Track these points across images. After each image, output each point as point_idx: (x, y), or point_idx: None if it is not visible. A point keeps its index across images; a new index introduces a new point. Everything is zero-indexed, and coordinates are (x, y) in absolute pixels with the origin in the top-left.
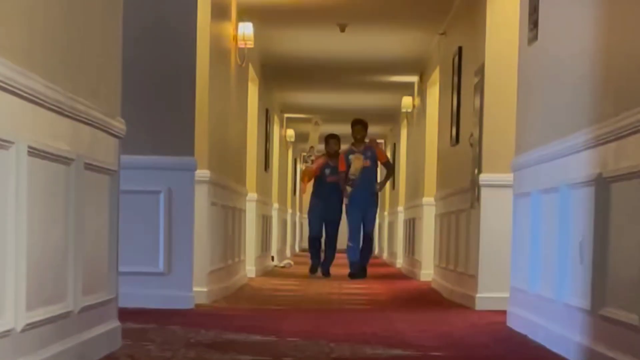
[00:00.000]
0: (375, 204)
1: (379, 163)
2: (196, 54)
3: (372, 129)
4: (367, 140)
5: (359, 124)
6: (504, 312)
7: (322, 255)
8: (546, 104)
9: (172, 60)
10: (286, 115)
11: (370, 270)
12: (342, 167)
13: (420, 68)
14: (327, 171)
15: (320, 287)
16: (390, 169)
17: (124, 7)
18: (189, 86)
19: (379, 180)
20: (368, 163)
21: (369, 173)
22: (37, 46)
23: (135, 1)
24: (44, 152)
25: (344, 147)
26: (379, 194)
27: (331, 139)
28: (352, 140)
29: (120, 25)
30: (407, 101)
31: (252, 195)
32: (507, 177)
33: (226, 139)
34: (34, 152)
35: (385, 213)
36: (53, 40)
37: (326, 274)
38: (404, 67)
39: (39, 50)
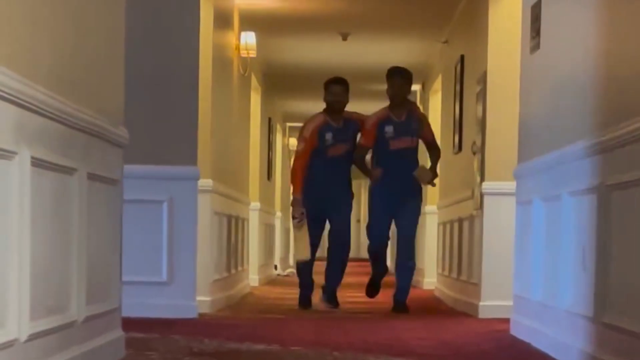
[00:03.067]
0: (416, 196)
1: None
2: (199, 64)
3: None
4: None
5: (400, 75)
6: (507, 320)
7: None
8: (548, 112)
9: (174, 70)
10: (289, 124)
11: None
12: (367, 140)
13: (423, 76)
14: (328, 137)
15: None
16: (438, 152)
17: (126, 17)
18: (191, 95)
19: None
20: (415, 142)
21: (411, 154)
22: (41, 56)
23: (138, 11)
24: (47, 162)
25: (362, 107)
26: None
27: (334, 85)
28: (388, 103)
29: (123, 35)
30: None
31: (255, 204)
32: (510, 185)
33: (229, 148)
34: (37, 162)
35: None
36: (56, 51)
37: (330, 300)
38: None
39: (43, 61)
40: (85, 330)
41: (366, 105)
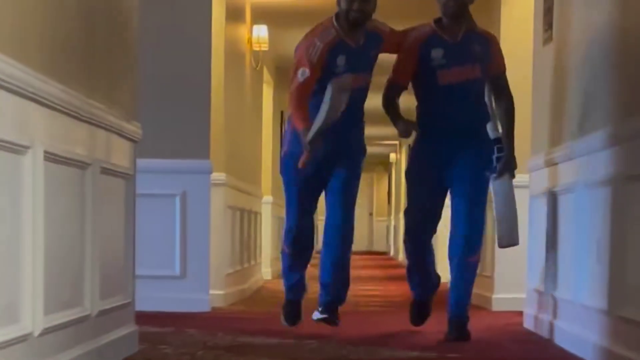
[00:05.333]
0: (483, 152)
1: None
2: (211, 57)
3: (385, 132)
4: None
5: None
6: (520, 313)
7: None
8: (561, 104)
9: (187, 63)
10: None
11: (384, 271)
12: (404, 72)
13: None
14: (341, 62)
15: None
16: (508, 104)
17: (139, 12)
18: (204, 89)
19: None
20: (479, 73)
21: (473, 92)
22: (54, 51)
23: (151, 6)
24: (60, 156)
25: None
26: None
27: None
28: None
29: (136, 30)
30: None
31: (267, 198)
32: (523, 178)
33: (241, 141)
34: (50, 156)
35: (400, 215)
36: (70, 46)
37: (330, 316)
38: None
39: (56, 56)
40: (99, 325)
41: (378, 99)
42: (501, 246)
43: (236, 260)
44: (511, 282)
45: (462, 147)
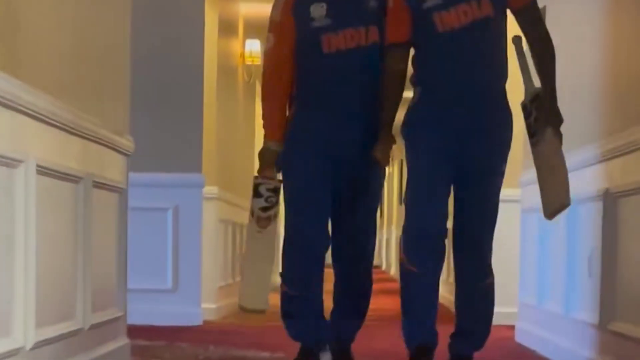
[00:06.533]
0: (503, 131)
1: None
2: (204, 71)
3: None
4: None
5: None
6: (512, 327)
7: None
8: None
9: (180, 78)
10: None
11: (376, 285)
12: (397, 25)
13: None
14: (317, 13)
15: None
16: (545, 32)
17: (132, 26)
18: (196, 103)
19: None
20: (490, 10)
21: (482, 38)
22: (46, 65)
23: (143, 19)
24: (52, 170)
25: None
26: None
27: None
28: None
29: (128, 44)
30: None
31: None
32: (515, 192)
33: (234, 155)
34: (42, 170)
35: (393, 227)
36: (62, 59)
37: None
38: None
39: (48, 69)
40: (91, 338)
41: None
42: (547, 217)
43: (228, 274)
44: (503, 296)
45: (472, 126)
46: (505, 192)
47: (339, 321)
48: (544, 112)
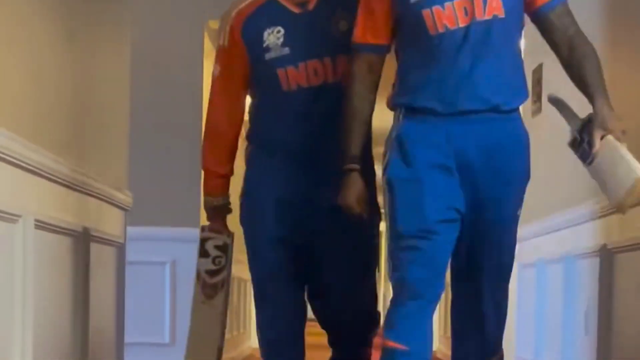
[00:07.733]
0: (520, 170)
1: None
2: (202, 127)
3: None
4: None
5: None
6: None
7: None
8: (549, 175)
9: (178, 132)
10: None
11: None
12: (372, 28)
13: None
14: (273, 38)
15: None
16: (581, 35)
17: (131, 79)
18: (194, 157)
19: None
20: (496, 3)
21: (494, 40)
22: (45, 121)
23: (142, 74)
24: (50, 225)
25: None
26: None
27: None
28: None
29: (128, 98)
30: None
31: None
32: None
33: (233, 207)
34: (40, 225)
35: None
36: (61, 115)
37: None
38: None
39: (47, 125)
40: None
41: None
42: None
43: (226, 327)
44: None
45: (478, 156)
46: None
47: None
48: (595, 119)
